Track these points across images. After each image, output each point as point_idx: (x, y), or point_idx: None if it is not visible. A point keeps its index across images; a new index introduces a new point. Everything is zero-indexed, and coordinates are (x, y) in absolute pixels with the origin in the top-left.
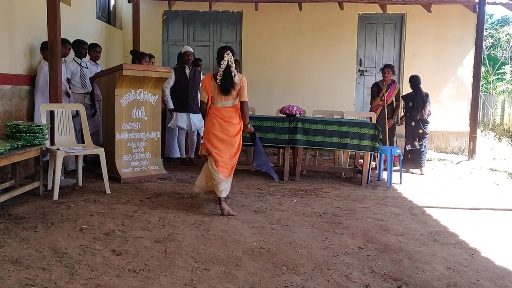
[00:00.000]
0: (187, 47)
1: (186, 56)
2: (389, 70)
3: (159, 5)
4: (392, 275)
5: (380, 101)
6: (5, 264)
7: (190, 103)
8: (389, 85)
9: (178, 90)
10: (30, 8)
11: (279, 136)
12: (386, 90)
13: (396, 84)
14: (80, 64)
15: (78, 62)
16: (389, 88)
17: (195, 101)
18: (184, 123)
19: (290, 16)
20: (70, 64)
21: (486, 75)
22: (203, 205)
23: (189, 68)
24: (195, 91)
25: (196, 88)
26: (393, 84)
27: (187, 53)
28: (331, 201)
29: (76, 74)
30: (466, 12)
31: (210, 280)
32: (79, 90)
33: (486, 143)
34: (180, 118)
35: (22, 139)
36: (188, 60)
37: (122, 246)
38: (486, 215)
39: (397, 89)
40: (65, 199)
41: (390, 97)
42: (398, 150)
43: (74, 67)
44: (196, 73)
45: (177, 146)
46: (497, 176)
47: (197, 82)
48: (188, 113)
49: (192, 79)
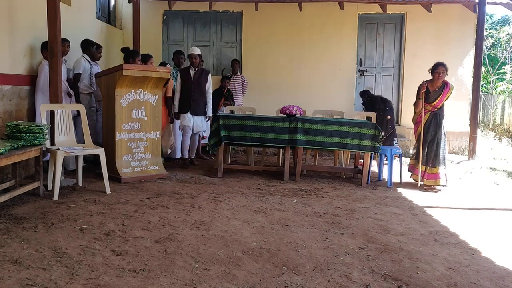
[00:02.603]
0: (193, 48)
1: (190, 58)
2: (444, 69)
3: (159, 5)
4: (392, 275)
5: (429, 105)
6: (5, 264)
7: (193, 105)
8: (441, 87)
9: (181, 91)
10: (30, 8)
11: (279, 136)
12: (440, 90)
13: (449, 86)
14: (90, 63)
15: (88, 60)
16: (441, 91)
17: (199, 104)
18: (190, 122)
19: (290, 16)
20: (82, 61)
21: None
22: (203, 205)
23: (194, 70)
24: (199, 93)
25: (201, 90)
26: (446, 86)
27: (191, 55)
28: (331, 201)
29: (87, 72)
30: (466, 12)
31: (210, 280)
32: (88, 89)
33: (486, 143)
34: (184, 117)
35: (22, 139)
36: (193, 62)
37: (122, 246)
38: (486, 215)
39: (450, 92)
40: (65, 199)
41: (442, 101)
42: (398, 150)
43: (87, 65)
44: (202, 75)
45: (179, 146)
46: (497, 176)
47: (203, 84)
48: (191, 115)
49: (197, 81)
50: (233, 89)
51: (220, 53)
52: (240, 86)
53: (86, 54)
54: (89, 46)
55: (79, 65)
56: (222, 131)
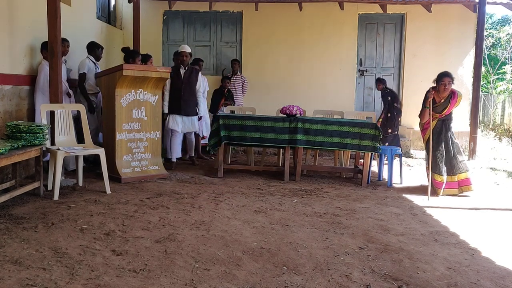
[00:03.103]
0: (184, 46)
1: (182, 56)
2: (449, 80)
3: (159, 5)
4: (392, 275)
5: (436, 113)
6: (6, 264)
7: (183, 105)
8: (448, 97)
9: (171, 91)
10: (30, 8)
11: (280, 136)
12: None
13: (457, 95)
14: (95, 64)
15: (94, 61)
16: (448, 102)
17: (189, 103)
18: (177, 126)
19: (290, 16)
20: (87, 61)
21: (486, 75)
22: (204, 205)
23: (184, 69)
24: (189, 92)
25: (191, 89)
26: (454, 96)
27: (182, 53)
28: (332, 201)
29: (92, 72)
30: (466, 12)
31: (211, 280)
32: (93, 90)
33: (486, 143)
34: (172, 120)
35: (22, 139)
36: (184, 60)
37: (122, 246)
38: (486, 215)
39: (458, 101)
40: (66, 199)
41: (450, 111)
42: (399, 150)
43: (92, 65)
44: (192, 74)
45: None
46: (498, 176)
47: (193, 83)
48: (181, 116)
49: (187, 80)
50: (233, 89)
51: (220, 53)
52: (240, 86)
53: (91, 55)
54: (95, 49)
55: (84, 65)
56: (222, 131)
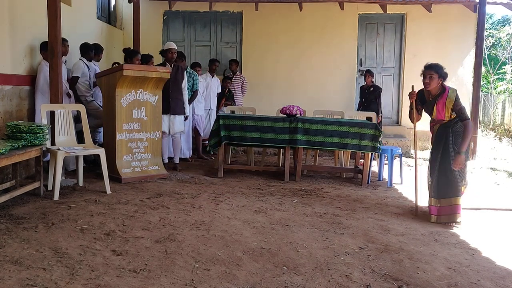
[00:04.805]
0: (170, 43)
1: (170, 54)
2: (432, 72)
3: (159, 5)
4: (392, 275)
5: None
6: (6, 264)
7: (172, 104)
8: (438, 95)
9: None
10: (30, 8)
11: (280, 136)
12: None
13: (447, 92)
14: (88, 67)
15: (87, 64)
16: (437, 98)
17: (177, 102)
18: (165, 126)
19: (290, 16)
20: (81, 65)
21: (486, 75)
22: (204, 205)
23: (170, 66)
24: (176, 90)
25: (178, 87)
26: (444, 93)
27: (170, 50)
28: (332, 201)
29: (86, 76)
30: (466, 12)
31: (211, 280)
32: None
33: (486, 143)
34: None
35: (22, 139)
36: (172, 57)
37: (122, 246)
38: (486, 215)
39: (450, 99)
40: (66, 199)
41: (441, 112)
42: (399, 150)
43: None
44: (178, 71)
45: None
46: (498, 176)
47: (180, 81)
48: (169, 115)
49: (174, 78)
50: (232, 89)
51: (220, 53)
52: (239, 86)
53: (84, 57)
54: (88, 50)
55: (79, 69)
56: (222, 131)
